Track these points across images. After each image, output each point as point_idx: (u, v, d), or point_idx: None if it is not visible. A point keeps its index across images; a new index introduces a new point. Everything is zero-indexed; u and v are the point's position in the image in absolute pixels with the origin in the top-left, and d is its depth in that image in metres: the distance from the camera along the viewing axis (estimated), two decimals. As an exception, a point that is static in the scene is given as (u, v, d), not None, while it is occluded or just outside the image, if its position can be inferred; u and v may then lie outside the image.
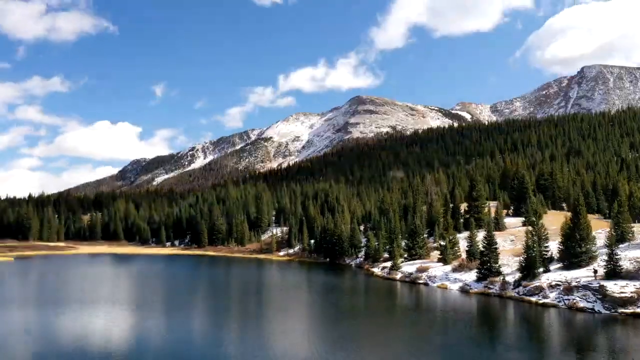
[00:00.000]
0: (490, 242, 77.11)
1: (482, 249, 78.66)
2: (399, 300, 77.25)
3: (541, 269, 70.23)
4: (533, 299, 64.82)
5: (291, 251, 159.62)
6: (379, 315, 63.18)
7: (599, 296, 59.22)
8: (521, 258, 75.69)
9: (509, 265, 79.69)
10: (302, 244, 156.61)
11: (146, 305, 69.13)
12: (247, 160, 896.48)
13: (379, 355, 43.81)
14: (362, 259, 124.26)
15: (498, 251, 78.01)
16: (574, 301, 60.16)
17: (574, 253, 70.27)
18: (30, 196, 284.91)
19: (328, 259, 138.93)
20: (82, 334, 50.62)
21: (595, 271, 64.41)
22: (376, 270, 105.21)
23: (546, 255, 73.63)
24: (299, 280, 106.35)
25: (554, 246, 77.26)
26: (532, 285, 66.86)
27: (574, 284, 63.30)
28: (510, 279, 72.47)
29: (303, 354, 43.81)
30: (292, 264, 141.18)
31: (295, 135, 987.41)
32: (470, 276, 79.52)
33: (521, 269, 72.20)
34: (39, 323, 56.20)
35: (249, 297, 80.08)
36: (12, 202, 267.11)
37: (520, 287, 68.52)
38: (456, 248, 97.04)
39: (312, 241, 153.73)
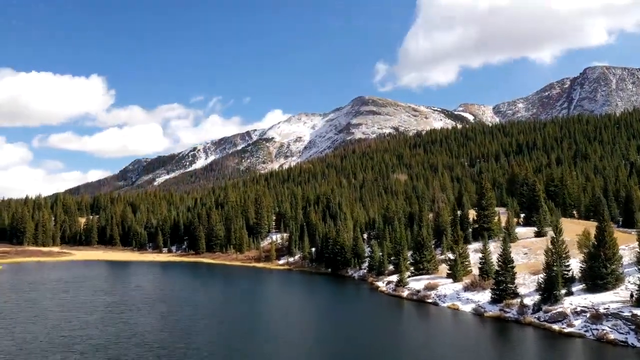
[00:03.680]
0: (505, 260, 71.15)
1: (497, 267, 72.59)
2: (409, 326, 71.38)
3: (563, 291, 64.30)
4: (556, 326, 58.77)
5: (291, 260, 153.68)
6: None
7: (631, 326, 53.21)
8: (539, 277, 69.86)
9: (526, 284, 73.77)
10: (302, 252, 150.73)
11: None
12: (248, 160, 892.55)
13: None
14: (365, 271, 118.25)
15: (516, 272, 71.86)
16: (604, 332, 54.07)
17: (599, 274, 64.23)
18: (26, 198, 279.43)
19: (330, 270, 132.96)
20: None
21: (632, 295, 58.28)
22: (381, 284, 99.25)
23: (567, 274, 67.71)
24: (297, 298, 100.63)
25: (574, 264, 71.33)
26: (554, 311, 60.82)
27: (601, 310, 57.34)
28: (528, 301, 66.52)
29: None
30: (292, 274, 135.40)
31: (297, 136, 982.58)
32: (484, 297, 73.53)
33: (540, 290, 66.39)
34: None
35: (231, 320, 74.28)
36: (7, 205, 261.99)
37: (541, 312, 62.53)
38: (466, 262, 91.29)
39: (313, 249, 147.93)
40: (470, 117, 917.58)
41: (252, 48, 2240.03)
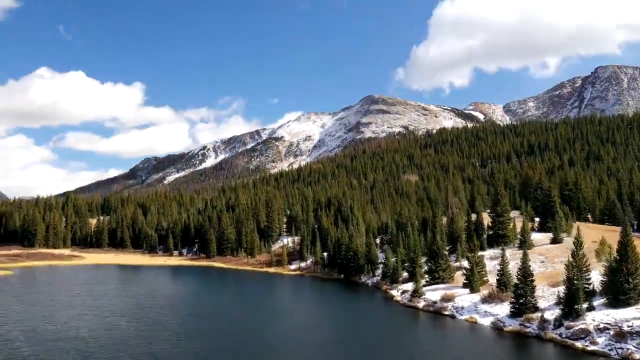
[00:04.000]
0: (525, 274, 69.84)
1: (516, 280, 71.31)
2: (427, 339, 70.36)
3: (585, 306, 62.88)
4: (578, 344, 57.45)
5: (303, 264, 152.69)
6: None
7: (657, 346, 52.02)
8: (559, 291, 68.76)
9: (545, 297, 72.42)
10: (314, 257, 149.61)
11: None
12: (258, 159, 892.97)
13: None
14: (379, 278, 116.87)
15: (534, 284, 70.48)
16: (629, 351, 52.74)
17: (622, 290, 62.83)
18: (37, 199, 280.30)
19: (342, 275, 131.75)
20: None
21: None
22: (395, 293, 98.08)
23: (587, 288, 66.34)
24: (310, 308, 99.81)
25: (595, 276, 69.89)
26: (576, 327, 59.52)
27: (625, 328, 56.02)
28: (549, 315, 65.21)
29: None
30: (304, 280, 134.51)
31: (307, 135, 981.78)
32: (503, 309, 72.25)
33: (561, 304, 65.06)
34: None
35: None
36: (18, 206, 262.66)
37: (563, 328, 61.19)
38: (482, 272, 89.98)
39: (325, 254, 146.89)
40: (481, 116, 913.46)
41: (279, 49, 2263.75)
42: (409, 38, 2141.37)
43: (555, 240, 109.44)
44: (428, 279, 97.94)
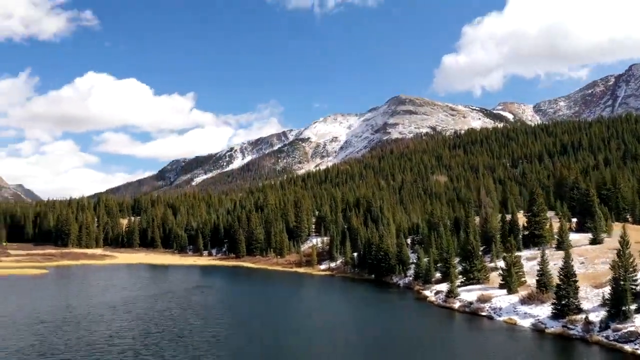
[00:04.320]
0: (568, 274, 67.32)
1: (558, 281, 68.83)
2: (466, 341, 68.39)
3: (633, 307, 60.22)
4: (628, 347, 54.77)
5: (333, 265, 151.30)
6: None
7: None
8: (604, 292, 66.25)
9: (588, 298, 69.73)
10: (344, 257, 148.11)
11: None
12: (285, 160, 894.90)
13: None
14: (411, 279, 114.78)
15: (577, 284, 67.85)
16: (683, 355, 50.30)
17: (672, 291, 60.06)
18: (70, 200, 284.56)
19: (373, 276, 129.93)
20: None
21: None
22: (428, 294, 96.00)
23: (634, 289, 63.56)
24: (343, 309, 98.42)
25: (641, 278, 67.03)
26: (624, 330, 56.85)
27: (678, 331, 53.43)
28: (593, 317, 62.60)
29: None
30: (334, 280, 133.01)
31: (333, 136, 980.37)
32: (543, 311, 69.74)
33: (606, 305, 62.50)
34: None
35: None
36: (52, 206, 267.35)
37: (609, 331, 58.58)
38: (520, 273, 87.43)
39: (355, 254, 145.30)
40: (510, 116, 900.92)
41: (311, 53, 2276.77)
42: (439, 51, 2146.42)
43: (594, 241, 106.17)
44: (462, 280, 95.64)
